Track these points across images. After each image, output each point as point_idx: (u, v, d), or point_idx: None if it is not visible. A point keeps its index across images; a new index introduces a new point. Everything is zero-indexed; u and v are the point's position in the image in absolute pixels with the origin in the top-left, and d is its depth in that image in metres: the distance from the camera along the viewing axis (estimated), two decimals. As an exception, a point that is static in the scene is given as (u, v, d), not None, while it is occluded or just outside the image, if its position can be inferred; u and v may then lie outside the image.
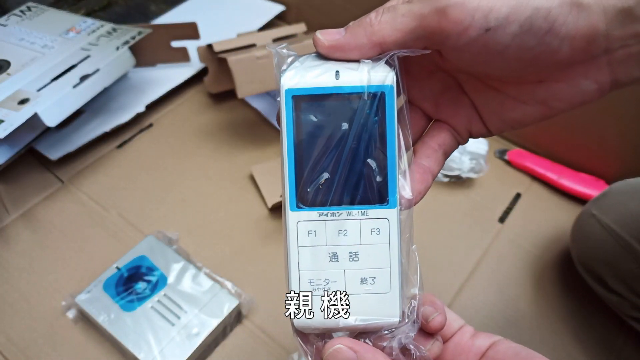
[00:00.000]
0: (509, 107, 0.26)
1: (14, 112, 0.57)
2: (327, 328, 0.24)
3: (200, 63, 0.76)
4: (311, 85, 0.24)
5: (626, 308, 0.52)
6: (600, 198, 0.54)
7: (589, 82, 0.24)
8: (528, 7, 0.21)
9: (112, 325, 0.50)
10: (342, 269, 0.24)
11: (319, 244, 0.24)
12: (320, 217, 0.24)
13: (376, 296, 0.24)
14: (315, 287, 0.24)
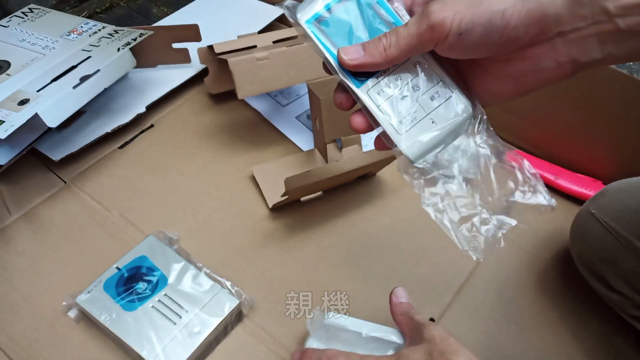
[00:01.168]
0: (488, 80, 0.33)
1: (14, 113, 0.57)
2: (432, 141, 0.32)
3: (200, 64, 0.76)
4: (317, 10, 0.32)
5: (627, 307, 0.52)
6: (598, 197, 0.54)
7: (549, 60, 0.29)
8: (487, 12, 0.28)
9: (113, 324, 0.50)
10: (415, 100, 0.32)
11: (390, 96, 0.32)
12: (378, 79, 0.32)
13: (446, 104, 0.32)
14: (406, 122, 0.32)
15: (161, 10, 0.98)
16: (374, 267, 0.59)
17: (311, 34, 0.32)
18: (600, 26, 0.27)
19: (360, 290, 0.57)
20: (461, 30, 0.28)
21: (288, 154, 0.71)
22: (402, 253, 0.61)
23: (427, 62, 0.32)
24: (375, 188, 0.67)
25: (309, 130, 0.75)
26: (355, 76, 0.32)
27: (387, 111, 0.32)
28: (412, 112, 0.32)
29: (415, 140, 0.32)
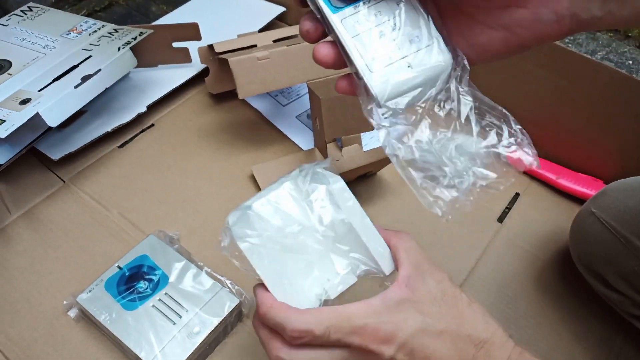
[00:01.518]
0: (477, 31, 0.29)
1: (15, 112, 0.57)
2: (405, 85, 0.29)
3: (201, 64, 0.76)
4: None
5: (627, 306, 0.52)
6: (599, 196, 0.54)
7: (548, 11, 0.27)
8: None
9: (113, 324, 0.50)
10: (393, 40, 0.29)
11: (365, 29, 0.29)
12: (355, 10, 0.29)
13: (426, 50, 0.29)
14: (378, 59, 0.29)
15: (160, 8, 0.97)
16: (374, 267, 0.60)
17: None
18: None
19: (360, 289, 0.57)
20: None
21: (288, 154, 0.71)
22: (402, 252, 0.61)
23: (412, 3, 0.30)
24: (375, 187, 0.67)
25: (309, 129, 0.75)
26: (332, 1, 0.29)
27: (361, 45, 0.29)
28: (388, 52, 0.29)
29: (387, 80, 0.29)
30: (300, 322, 0.32)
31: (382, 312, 0.32)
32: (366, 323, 0.31)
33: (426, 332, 0.32)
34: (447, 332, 0.32)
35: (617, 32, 1.05)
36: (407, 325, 0.32)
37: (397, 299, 0.32)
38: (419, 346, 0.32)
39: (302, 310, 0.33)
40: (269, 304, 0.34)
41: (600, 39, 1.04)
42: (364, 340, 0.31)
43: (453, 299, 0.33)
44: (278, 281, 0.35)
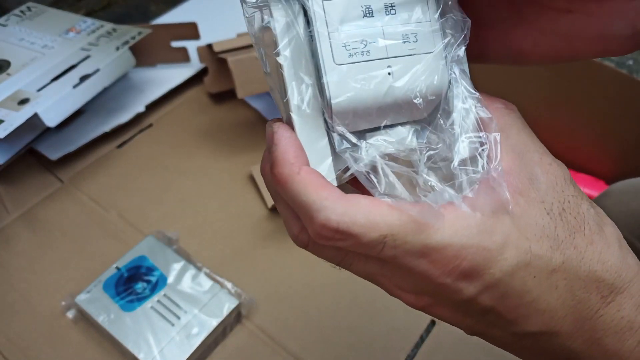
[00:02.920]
0: (521, 33, 0.22)
1: (14, 112, 0.57)
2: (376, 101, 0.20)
3: (200, 63, 0.76)
4: None
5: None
6: (601, 198, 0.54)
7: (625, 23, 0.20)
8: None
9: (111, 325, 0.50)
10: (380, 25, 0.20)
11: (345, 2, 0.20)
12: None
13: (421, 57, 0.20)
14: (352, 51, 0.20)
15: (159, 7, 0.97)
16: (374, 268, 0.59)
17: None
18: None
19: (360, 289, 0.57)
20: None
21: (288, 154, 0.71)
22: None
23: None
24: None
25: (309, 129, 0.74)
26: None
27: (332, 17, 0.19)
28: (369, 41, 0.20)
29: (352, 83, 0.20)
30: (341, 217, 0.19)
31: (473, 227, 0.20)
32: (448, 243, 0.19)
33: (531, 268, 0.20)
34: (562, 270, 0.21)
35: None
36: (505, 256, 0.20)
37: (494, 208, 0.20)
38: (516, 289, 0.20)
39: (349, 197, 0.19)
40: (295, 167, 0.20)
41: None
42: (435, 268, 0.20)
43: (578, 215, 0.21)
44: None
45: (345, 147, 0.20)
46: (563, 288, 0.21)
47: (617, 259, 0.21)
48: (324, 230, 0.19)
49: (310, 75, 0.20)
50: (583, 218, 0.21)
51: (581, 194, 0.22)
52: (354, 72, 0.20)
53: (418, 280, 0.20)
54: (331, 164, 0.21)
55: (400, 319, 0.55)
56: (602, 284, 0.21)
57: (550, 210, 0.21)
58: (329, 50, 0.19)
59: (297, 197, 0.19)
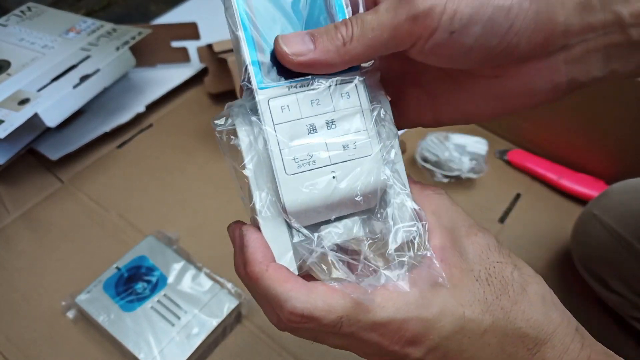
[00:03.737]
0: (463, 99, 0.26)
1: (14, 113, 0.57)
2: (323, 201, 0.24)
3: (200, 63, 0.76)
4: None
5: (626, 308, 0.52)
6: (601, 198, 0.54)
7: (544, 81, 0.24)
8: (489, 7, 0.21)
9: (112, 325, 0.50)
10: (323, 140, 0.24)
11: (294, 118, 0.23)
12: (290, 90, 0.23)
13: (360, 160, 0.24)
14: (301, 163, 0.23)
15: (159, 7, 0.97)
16: (374, 268, 0.59)
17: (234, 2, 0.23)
18: (609, 37, 0.23)
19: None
20: (454, 27, 0.22)
21: (288, 154, 0.71)
22: (402, 253, 0.61)
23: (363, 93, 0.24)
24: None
25: (309, 129, 0.74)
26: (265, 71, 0.23)
27: (283, 137, 0.23)
28: (313, 153, 0.23)
29: (302, 192, 0.23)
30: (304, 304, 0.23)
31: (412, 303, 0.24)
32: (392, 318, 0.23)
33: (465, 331, 0.24)
34: (492, 330, 0.24)
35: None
36: (442, 323, 0.24)
37: (432, 282, 0.24)
38: (454, 349, 0.24)
39: (310, 285, 0.23)
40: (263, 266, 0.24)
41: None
42: (385, 339, 0.24)
43: (502, 279, 0.25)
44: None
45: (300, 241, 0.24)
46: (495, 345, 0.24)
47: (540, 315, 0.25)
48: (292, 317, 0.23)
49: (270, 183, 0.24)
50: (507, 281, 0.25)
51: (506, 259, 0.26)
52: (303, 180, 0.23)
53: (375, 349, 0.25)
54: (292, 256, 0.25)
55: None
56: (527, 339, 0.25)
57: (479, 277, 0.25)
58: (281, 164, 0.23)
59: (267, 291, 0.23)
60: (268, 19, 0.24)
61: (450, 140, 0.67)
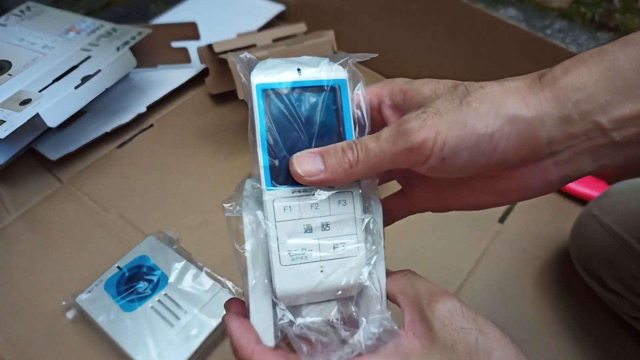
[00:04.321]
0: (464, 193, 0.29)
1: (16, 113, 0.57)
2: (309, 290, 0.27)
3: (200, 64, 0.76)
4: (277, 81, 0.27)
5: (625, 307, 0.52)
6: (601, 198, 0.54)
7: (537, 180, 0.26)
8: (473, 136, 0.24)
9: (111, 326, 0.50)
10: (316, 239, 0.27)
11: (294, 218, 0.27)
12: (293, 194, 0.27)
13: (347, 259, 0.27)
14: (294, 257, 0.27)
15: (159, 6, 0.97)
16: (374, 267, 0.59)
17: (255, 102, 0.27)
18: (593, 141, 0.24)
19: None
20: (444, 155, 0.25)
21: (288, 154, 0.71)
22: (402, 252, 0.61)
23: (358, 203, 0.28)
24: (375, 188, 0.67)
25: (309, 129, 0.74)
26: (274, 175, 0.27)
27: (282, 233, 0.27)
28: (306, 250, 0.27)
29: (293, 281, 0.27)
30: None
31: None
32: None
33: None
34: None
35: (618, 33, 1.05)
36: None
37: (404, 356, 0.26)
38: None
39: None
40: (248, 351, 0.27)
41: (601, 39, 1.04)
42: None
43: (467, 345, 0.26)
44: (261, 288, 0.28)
45: (283, 322, 0.27)
46: None
47: None
48: None
49: (265, 267, 0.27)
50: (472, 348, 0.26)
51: (471, 325, 0.27)
52: (294, 271, 0.27)
53: None
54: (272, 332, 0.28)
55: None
56: None
57: (445, 345, 0.26)
58: (277, 256, 0.27)
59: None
60: (284, 126, 0.27)
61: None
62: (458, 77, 0.32)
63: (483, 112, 0.24)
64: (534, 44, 0.64)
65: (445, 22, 0.72)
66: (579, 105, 0.24)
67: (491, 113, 0.24)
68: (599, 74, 0.23)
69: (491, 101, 0.25)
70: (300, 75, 0.27)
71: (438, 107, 0.25)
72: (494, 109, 0.24)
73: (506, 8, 1.12)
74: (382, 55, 0.85)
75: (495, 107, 0.24)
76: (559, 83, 0.24)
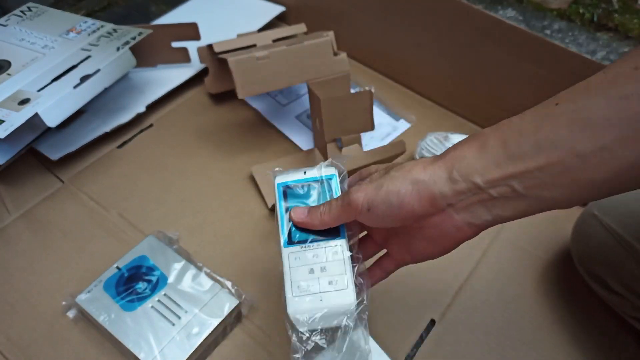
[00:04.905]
0: (412, 242, 0.38)
1: (15, 113, 0.57)
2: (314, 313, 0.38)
3: (200, 64, 0.76)
4: (291, 179, 0.42)
5: (627, 308, 0.52)
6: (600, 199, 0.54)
7: (449, 226, 0.34)
8: (386, 193, 0.34)
9: (112, 324, 0.50)
10: (317, 278, 0.38)
11: (302, 265, 0.39)
12: (301, 249, 0.39)
13: (339, 292, 0.38)
14: (302, 290, 0.38)
15: (159, 8, 0.97)
16: (374, 267, 0.59)
17: (276, 193, 0.42)
18: (477, 196, 0.32)
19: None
20: (369, 207, 0.35)
21: (288, 154, 0.71)
22: (402, 253, 0.61)
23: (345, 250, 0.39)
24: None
25: (309, 129, 0.75)
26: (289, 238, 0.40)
27: (294, 275, 0.39)
28: (310, 285, 0.38)
29: (300, 306, 0.38)
30: None
31: None
32: None
33: None
34: None
35: (617, 33, 1.05)
36: None
37: None
38: None
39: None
40: None
41: (601, 39, 1.04)
42: None
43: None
44: None
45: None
46: None
47: None
48: None
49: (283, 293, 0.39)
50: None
51: None
52: (301, 300, 0.38)
53: None
54: None
55: (399, 318, 0.55)
56: None
57: None
58: (290, 289, 0.38)
59: None
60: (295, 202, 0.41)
61: (449, 141, 0.67)
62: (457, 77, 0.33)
63: (395, 177, 0.35)
64: (533, 44, 0.64)
65: (444, 23, 0.72)
66: (460, 170, 0.32)
67: (400, 178, 0.34)
68: (475, 149, 0.32)
69: (402, 171, 0.35)
70: (305, 174, 0.42)
71: (372, 178, 0.37)
72: (402, 175, 0.34)
73: (505, 9, 1.12)
74: (382, 56, 0.87)
75: (404, 174, 0.34)
76: (448, 156, 0.33)
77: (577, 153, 0.28)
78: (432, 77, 0.78)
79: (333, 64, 0.65)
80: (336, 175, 0.43)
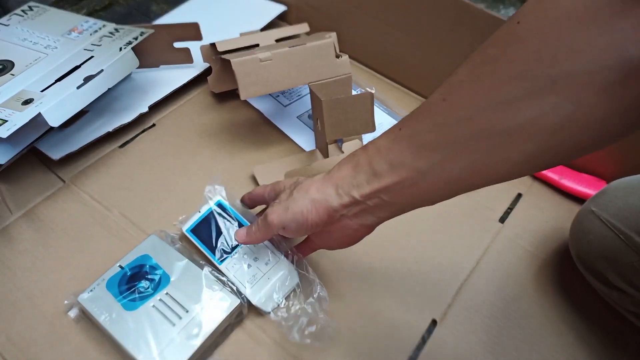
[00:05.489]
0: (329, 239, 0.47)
1: (18, 113, 0.57)
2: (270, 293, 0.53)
3: (203, 64, 0.76)
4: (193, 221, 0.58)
5: (627, 304, 0.52)
6: (599, 195, 0.54)
7: (348, 229, 0.43)
8: (293, 214, 0.43)
9: (112, 325, 0.50)
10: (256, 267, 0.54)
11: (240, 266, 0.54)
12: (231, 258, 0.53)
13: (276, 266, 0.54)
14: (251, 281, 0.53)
15: (160, 7, 0.97)
16: (374, 266, 0.60)
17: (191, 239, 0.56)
18: (360, 206, 0.40)
19: (361, 288, 0.57)
20: (283, 225, 0.44)
21: (289, 154, 0.71)
22: (403, 252, 0.61)
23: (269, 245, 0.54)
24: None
25: (311, 130, 0.75)
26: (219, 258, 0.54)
27: (240, 277, 0.53)
28: (253, 274, 0.52)
29: (259, 293, 0.51)
30: None
31: None
32: None
33: None
34: None
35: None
36: None
37: None
38: None
39: None
40: None
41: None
42: None
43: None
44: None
45: None
46: None
47: None
48: None
49: None
50: None
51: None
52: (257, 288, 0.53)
53: None
54: None
55: (401, 319, 0.55)
56: None
57: None
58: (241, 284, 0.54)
59: None
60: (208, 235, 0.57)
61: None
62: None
63: (297, 199, 0.43)
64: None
65: (445, 22, 0.72)
66: (343, 188, 0.41)
67: (301, 199, 0.43)
68: (351, 169, 0.40)
69: (302, 192, 0.43)
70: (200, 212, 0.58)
71: (280, 198, 0.46)
72: (302, 196, 0.43)
73: (507, 8, 1.12)
74: (382, 56, 0.87)
75: (303, 195, 0.43)
76: (335, 176, 0.42)
77: (418, 170, 0.36)
78: (432, 78, 0.79)
79: (335, 66, 0.65)
80: (221, 200, 0.57)
